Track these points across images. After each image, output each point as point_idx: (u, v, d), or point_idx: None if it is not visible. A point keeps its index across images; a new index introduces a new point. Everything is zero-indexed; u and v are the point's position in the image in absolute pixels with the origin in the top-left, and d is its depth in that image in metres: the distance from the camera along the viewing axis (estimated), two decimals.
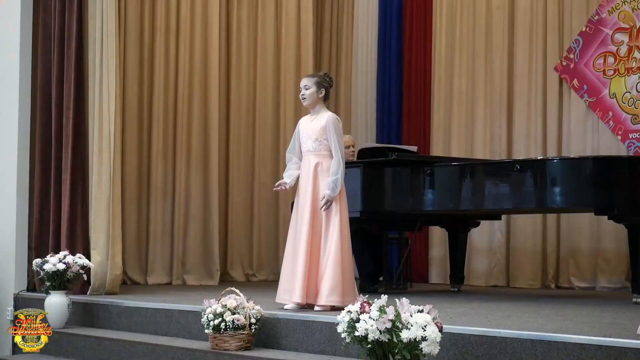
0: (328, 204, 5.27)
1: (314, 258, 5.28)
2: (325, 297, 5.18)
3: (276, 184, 5.67)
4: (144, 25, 8.59)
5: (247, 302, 4.84)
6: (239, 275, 9.10)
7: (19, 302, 6.93)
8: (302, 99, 5.54)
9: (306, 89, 5.50)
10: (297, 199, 5.49)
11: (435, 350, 3.47)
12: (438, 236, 9.33)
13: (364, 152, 7.60)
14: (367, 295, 3.73)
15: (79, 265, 6.22)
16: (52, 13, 7.29)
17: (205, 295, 5.29)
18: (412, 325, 3.46)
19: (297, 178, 5.58)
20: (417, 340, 3.44)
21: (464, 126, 9.36)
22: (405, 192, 6.74)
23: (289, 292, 5.30)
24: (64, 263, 6.13)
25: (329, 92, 5.60)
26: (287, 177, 5.60)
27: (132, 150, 8.41)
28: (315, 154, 5.43)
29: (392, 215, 7.07)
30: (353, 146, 8.00)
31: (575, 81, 8.55)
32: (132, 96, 8.45)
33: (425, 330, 3.45)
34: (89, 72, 7.02)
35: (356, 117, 10.42)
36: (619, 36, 8.33)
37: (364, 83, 10.43)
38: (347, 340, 3.61)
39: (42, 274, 6.16)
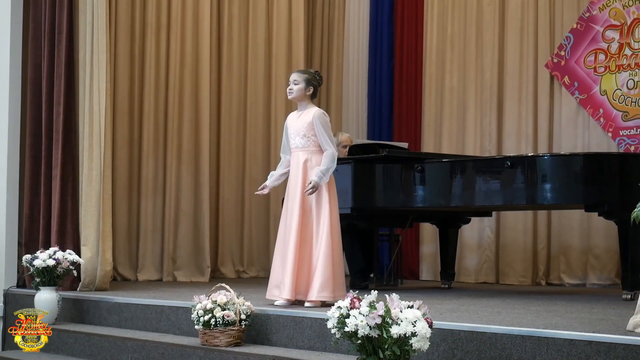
0: (313, 190, 5.26)
1: (304, 254, 5.27)
2: (317, 292, 5.18)
3: (259, 188, 5.70)
4: (134, 21, 8.58)
5: (238, 298, 4.84)
6: (229, 272, 9.09)
7: (9, 298, 6.92)
8: (289, 92, 5.51)
9: (295, 84, 5.48)
10: (287, 196, 5.48)
11: (425, 346, 3.47)
12: (429, 233, 9.33)
13: (354, 149, 7.59)
14: (357, 292, 3.72)
15: (69, 261, 6.20)
16: (43, 8, 7.27)
17: (196, 292, 5.29)
18: (402, 321, 3.45)
19: (281, 178, 5.62)
20: (407, 335, 3.43)
21: (455, 123, 9.36)
22: (396, 188, 6.74)
23: (279, 288, 5.30)
24: (54, 259, 6.11)
25: (317, 91, 5.57)
26: (269, 178, 5.65)
27: (122, 146, 8.40)
28: (304, 150, 5.41)
29: (382, 212, 7.06)
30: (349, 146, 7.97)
31: (566, 78, 8.57)
32: (123, 92, 8.44)
33: (415, 326, 3.45)
34: (80, 67, 7.00)
35: (347, 113, 10.43)
36: (609, 33, 8.35)
37: (355, 79, 10.44)
38: (337, 336, 3.60)
39: (32, 270, 6.14)
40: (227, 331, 4.74)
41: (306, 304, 5.19)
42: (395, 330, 3.43)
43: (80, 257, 6.46)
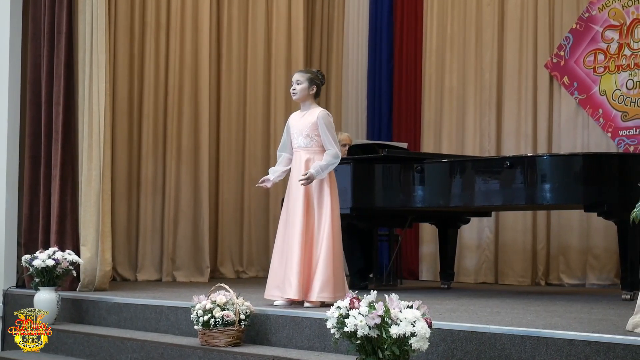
0: (308, 181, 5.24)
1: (307, 254, 5.26)
2: (317, 293, 5.16)
3: (259, 180, 5.66)
4: (134, 21, 8.58)
5: (237, 298, 4.84)
6: (229, 272, 9.09)
7: (8, 299, 6.92)
8: (293, 93, 5.51)
9: (298, 84, 5.46)
10: (288, 196, 5.44)
11: (424, 346, 3.47)
12: (428, 233, 9.33)
13: (354, 149, 7.59)
14: (356, 292, 3.72)
15: (68, 261, 6.20)
16: (42, 8, 7.26)
17: (195, 292, 5.29)
18: (401, 321, 3.45)
19: (282, 174, 5.58)
20: (406, 336, 3.43)
21: (454, 123, 9.36)
22: (395, 188, 6.74)
23: (279, 288, 5.28)
24: (54, 259, 6.11)
25: (320, 90, 5.56)
26: (272, 174, 5.59)
27: (122, 146, 8.40)
28: (307, 150, 5.39)
29: (382, 212, 7.06)
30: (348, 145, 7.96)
31: (565, 78, 8.56)
32: (122, 92, 8.44)
33: (414, 326, 3.44)
34: (79, 67, 7.00)
35: (347, 113, 10.42)
36: (609, 33, 8.34)
37: (355, 79, 10.43)
38: (337, 336, 3.60)
39: (31, 270, 6.14)
40: (227, 331, 4.74)
41: (305, 304, 5.18)
42: (394, 331, 3.43)
43: (79, 257, 6.46)
